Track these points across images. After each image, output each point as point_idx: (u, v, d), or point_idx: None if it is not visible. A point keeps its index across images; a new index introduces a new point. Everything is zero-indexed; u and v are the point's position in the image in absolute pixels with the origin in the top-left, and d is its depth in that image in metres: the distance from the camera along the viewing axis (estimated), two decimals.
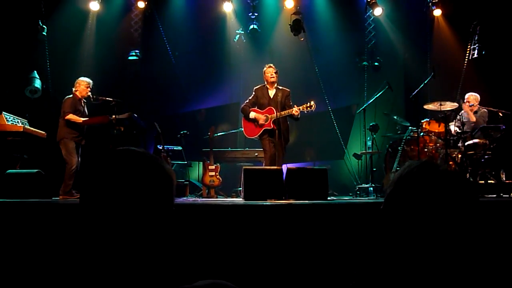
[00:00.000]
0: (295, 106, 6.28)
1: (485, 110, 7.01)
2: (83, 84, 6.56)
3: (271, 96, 6.48)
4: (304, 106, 6.23)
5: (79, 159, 6.51)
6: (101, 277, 1.04)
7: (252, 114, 6.49)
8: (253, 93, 6.64)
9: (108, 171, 1.09)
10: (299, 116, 6.31)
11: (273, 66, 6.54)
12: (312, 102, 6.23)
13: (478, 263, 1.10)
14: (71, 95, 6.54)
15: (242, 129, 6.76)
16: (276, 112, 6.24)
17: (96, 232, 1.06)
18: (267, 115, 6.42)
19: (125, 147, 1.14)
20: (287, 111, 6.27)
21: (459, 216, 1.09)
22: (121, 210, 1.05)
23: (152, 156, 1.15)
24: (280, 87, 6.49)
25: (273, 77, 6.42)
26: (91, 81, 6.65)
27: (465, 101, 7.14)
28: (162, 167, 1.13)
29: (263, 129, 6.42)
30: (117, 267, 1.05)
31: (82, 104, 6.62)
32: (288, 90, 6.56)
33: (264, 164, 6.57)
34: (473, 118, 6.92)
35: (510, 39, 7.89)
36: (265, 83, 6.58)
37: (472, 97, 7.11)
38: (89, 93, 6.58)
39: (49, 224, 3.60)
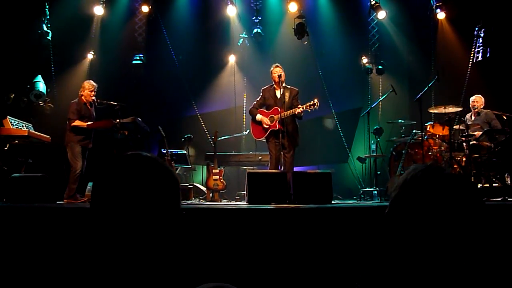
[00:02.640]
0: (299, 105, 6.24)
1: (490, 112, 6.99)
2: (87, 88, 6.55)
3: (278, 96, 6.42)
4: (308, 104, 6.16)
5: (85, 162, 6.54)
6: (108, 280, 1.04)
7: (259, 117, 6.45)
8: (261, 94, 6.61)
9: (118, 175, 1.10)
10: (302, 115, 6.25)
11: (280, 66, 6.50)
12: (316, 100, 6.15)
13: (483, 266, 1.10)
14: (76, 99, 6.55)
15: (249, 130, 6.76)
16: (281, 112, 6.22)
17: (106, 234, 1.07)
18: (273, 115, 6.35)
19: (134, 152, 1.15)
20: (291, 110, 6.20)
21: (464, 220, 1.09)
22: (130, 214, 1.06)
23: (161, 161, 1.16)
24: (289, 87, 6.44)
25: (281, 75, 6.34)
26: (95, 85, 6.63)
27: (471, 102, 7.16)
28: (170, 171, 1.15)
29: (269, 130, 6.36)
30: (126, 269, 1.05)
31: (89, 107, 6.61)
32: (297, 89, 6.48)
33: (269, 167, 6.55)
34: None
35: None
36: (273, 83, 6.54)
37: (479, 99, 7.15)
38: (93, 97, 6.59)
39: (53, 228, 3.61)
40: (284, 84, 6.42)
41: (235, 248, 3.56)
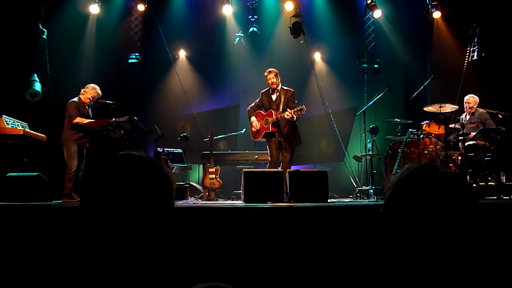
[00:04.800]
0: (288, 109, 6.24)
1: (484, 111, 7.02)
2: (90, 94, 6.57)
3: (273, 99, 6.49)
4: (295, 109, 6.13)
5: (84, 161, 6.54)
6: (102, 280, 1.04)
7: (252, 119, 6.63)
8: (260, 96, 6.70)
9: (110, 175, 1.09)
10: (294, 119, 6.27)
11: (273, 70, 6.50)
12: (303, 106, 6.13)
13: (478, 264, 1.10)
14: (76, 98, 6.56)
15: (245, 129, 6.92)
16: (275, 115, 6.27)
17: (97, 234, 1.06)
18: (268, 118, 6.44)
19: (127, 152, 1.15)
20: (281, 114, 6.24)
21: (458, 218, 1.10)
22: (121, 214, 1.05)
23: (153, 160, 1.15)
24: (285, 88, 6.49)
25: (273, 82, 6.41)
26: (100, 93, 6.64)
27: (465, 103, 7.19)
28: (163, 171, 1.14)
29: (263, 132, 6.44)
30: (119, 269, 1.05)
31: (86, 107, 6.64)
32: (292, 90, 6.51)
33: (268, 166, 6.61)
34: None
35: (510, 41, 7.90)
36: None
37: (472, 99, 7.17)
38: (91, 102, 6.61)
39: (48, 227, 3.60)
40: (280, 86, 6.45)
41: (231, 247, 3.56)
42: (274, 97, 6.49)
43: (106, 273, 1.05)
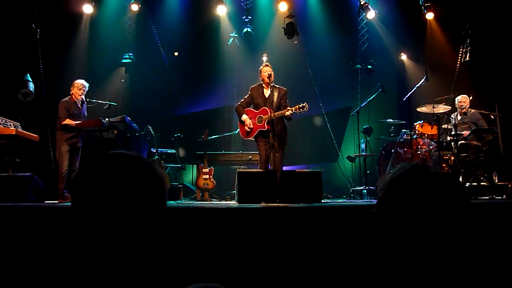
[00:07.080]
0: (288, 107, 6.23)
1: (476, 112, 7.07)
2: (76, 87, 6.59)
3: (266, 96, 6.40)
4: (297, 106, 6.15)
5: (79, 160, 6.52)
6: (95, 279, 1.04)
7: (244, 117, 6.44)
8: (249, 92, 6.58)
9: (100, 174, 1.08)
10: (291, 117, 6.26)
11: (270, 65, 6.49)
12: (305, 103, 6.16)
13: (470, 264, 1.11)
14: (66, 98, 6.54)
15: (238, 130, 6.74)
16: (270, 113, 6.21)
17: (88, 235, 1.06)
18: (261, 115, 6.36)
19: (117, 151, 1.14)
20: (280, 112, 6.21)
21: (450, 218, 1.10)
22: (113, 213, 1.05)
23: (144, 160, 1.14)
24: (277, 86, 6.41)
25: (270, 75, 6.31)
26: (86, 84, 6.64)
27: (456, 103, 7.23)
28: (154, 170, 1.13)
29: (257, 130, 6.36)
30: (110, 270, 1.04)
31: (79, 105, 6.61)
32: (285, 89, 6.46)
33: (258, 167, 6.55)
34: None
35: (502, 42, 7.95)
36: (261, 82, 6.53)
37: (465, 99, 7.22)
38: (82, 96, 6.59)
39: (42, 229, 3.58)
40: (272, 84, 6.39)
41: (225, 247, 3.56)
42: (267, 94, 6.42)
43: (99, 272, 1.04)
